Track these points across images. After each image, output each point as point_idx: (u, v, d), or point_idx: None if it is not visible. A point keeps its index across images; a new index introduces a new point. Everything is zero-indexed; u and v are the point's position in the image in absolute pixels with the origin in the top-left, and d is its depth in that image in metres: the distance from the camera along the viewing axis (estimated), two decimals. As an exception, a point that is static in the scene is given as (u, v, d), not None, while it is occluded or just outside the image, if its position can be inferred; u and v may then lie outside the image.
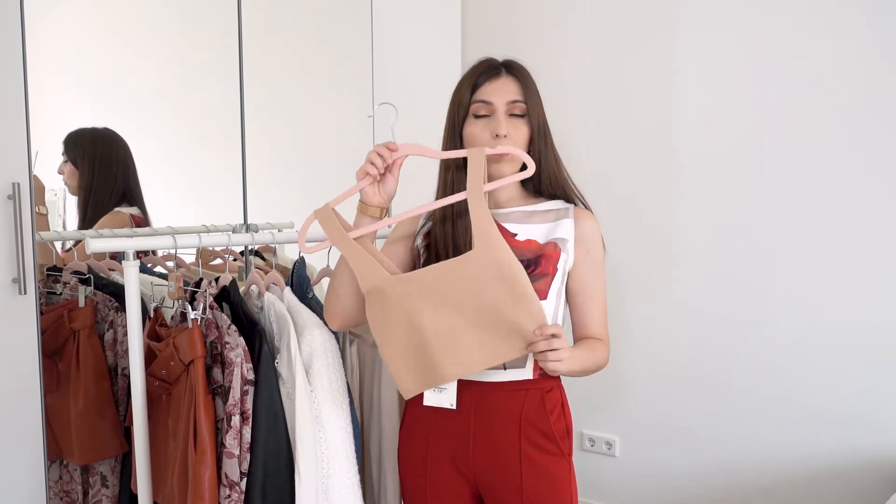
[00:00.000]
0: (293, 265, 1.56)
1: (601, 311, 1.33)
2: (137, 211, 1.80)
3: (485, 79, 1.28)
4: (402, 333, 1.17)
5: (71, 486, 1.60)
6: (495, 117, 1.26)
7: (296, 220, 1.98)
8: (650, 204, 2.34)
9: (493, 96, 1.26)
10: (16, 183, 1.32)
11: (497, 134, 1.25)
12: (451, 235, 1.27)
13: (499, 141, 1.24)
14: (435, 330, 1.16)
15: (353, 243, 1.18)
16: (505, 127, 1.25)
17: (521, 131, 1.27)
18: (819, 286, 2.09)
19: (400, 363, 1.19)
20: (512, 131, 1.26)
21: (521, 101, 1.27)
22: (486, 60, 1.31)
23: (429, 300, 1.16)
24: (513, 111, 1.27)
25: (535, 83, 1.31)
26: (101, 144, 1.76)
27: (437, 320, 1.16)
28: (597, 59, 2.41)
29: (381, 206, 1.24)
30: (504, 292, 1.14)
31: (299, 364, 1.31)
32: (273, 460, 1.31)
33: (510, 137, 1.25)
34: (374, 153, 1.21)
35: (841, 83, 2.03)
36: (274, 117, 2.07)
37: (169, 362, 1.34)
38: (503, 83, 1.27)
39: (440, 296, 1.15)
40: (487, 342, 1.16)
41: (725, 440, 2.26)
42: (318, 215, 1.21)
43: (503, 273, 1.14)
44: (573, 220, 1.31)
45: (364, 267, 1.17)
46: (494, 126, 1.25)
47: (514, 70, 1.29)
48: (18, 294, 1.34)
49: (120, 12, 1.82)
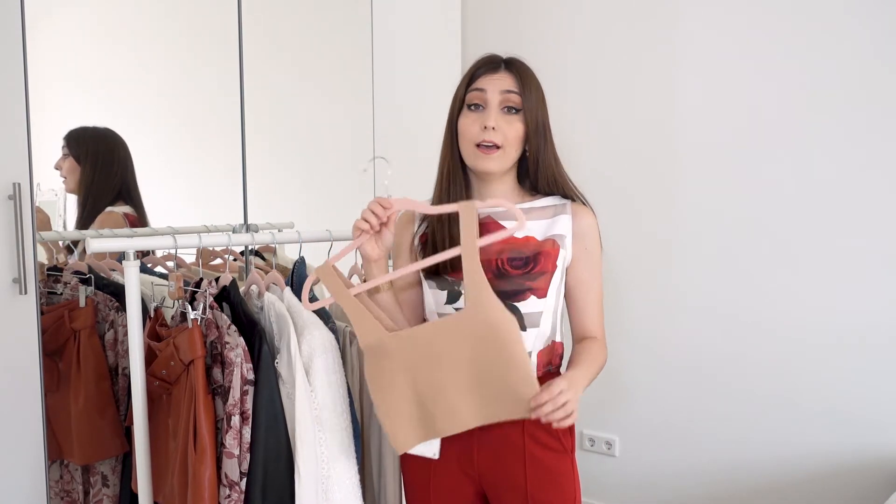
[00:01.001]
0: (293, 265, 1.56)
1: (598, 307, 1.33)
2: (131, 209, 1.80)
3: (483, 71, 1.27)
4: (398, 389, 1.19)
5: (72, 485, 1.61)
6: (487, 109, 1.24)
7: (296, 220, 1.99)
8: (651, 204, 2.34)
9: (487, 85, 1.25)
10: (16, 183, 1.32)
11: (486, 126, 1.22)
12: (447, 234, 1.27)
13: (486, 133, 1.22)
14: (430, 387, 1.17)
15: (354, 300, 1.20)
16: (494, 119, 1.22)
17: (514, 127, 1.24)
18: (819, 286, 2.09)
19: (395, 418, 1.20)
20: (504, 126, 1.23)
21: (515, 91, 1.24)
22: (488, 55, 1.30)
23: (424, 357, 1.17)
24: (507, 103, 1.24)
25: (537, 81, 1.29)
26: (104, 143, 1.76)
27: (433, 377, 1.17)
28: (597, 57, 2.41)
29: (380, 258, 1.25)
30: (495, 353, 1.15)
31: (299, 364, 1.31)
32: (273, 460, 1.31)
33: (500, 131, 1.23)
34: (368, 211, 1.20)
35: (841, 83, 2.03)
36: (274, 117, 2.07)
37: (169, 362, 1.34)
38: (500, 76, 1.26)
39: (435, 353, 1.17)
40: (482, 401, 1.17)
41: (725, 440, 2.26)
42: (319, 273, 1.22)
43: (495, 333, 1.14)
44: (571, 215, 1.30)
45: (363, 323, 1.19)
46: (484, 118, 1.23)
47: (513, 66, 1.28)
48: (19, 294, 1.34)
49: (120, 13, 1.82)
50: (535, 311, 1.27)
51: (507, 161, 1.26)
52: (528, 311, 1.26)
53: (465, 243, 1.14)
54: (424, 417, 1.19)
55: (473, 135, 1.24)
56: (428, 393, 1.18)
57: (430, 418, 1.19)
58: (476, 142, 1.24)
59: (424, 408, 1.18)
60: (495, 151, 1.24)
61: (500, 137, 1.23)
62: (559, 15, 2.48)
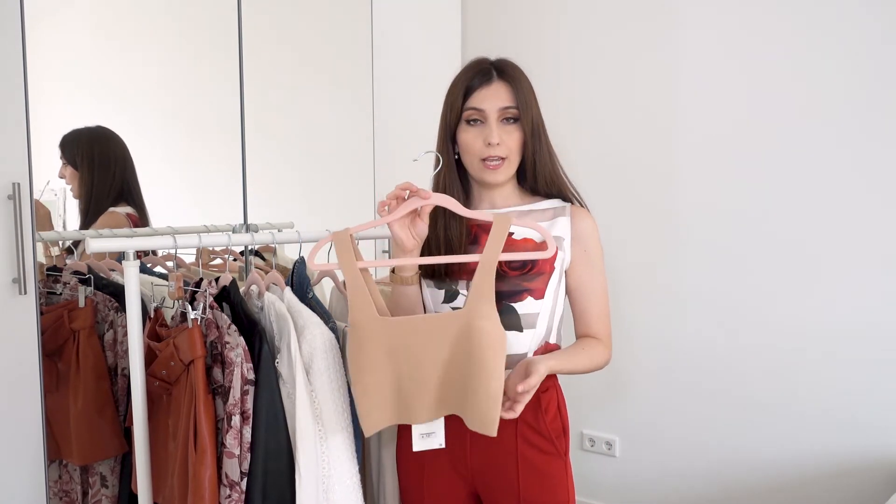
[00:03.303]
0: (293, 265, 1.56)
1: (599, 308, 1.33)
2: (133, 210, 1.79)
3: (477, 84, 1.28)
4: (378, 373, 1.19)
5: (70, 486, 1.60)
6: (487, 125, 1.27)
7: (296, 220, 1.98)
8: (651, 205, 2.35)
9: (485, 103, 1.27)
10: (16, 183, 1.32)
11: (489, 143, 1.25)
12: (443, 238, 1.28)
13: (491, 149, 1.26)
14: (410, 377, 1.18)
15: (358, 274, 1.19)
16: (497, 135, 1.26)
17: (513, 137, 1.28)
18: (819, 287, 2.09)
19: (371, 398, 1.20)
20: (505, 137, 1.27)
21: (512, 106, 1.27)
22: (477, 63, 1.31)
23: (407, 347, 1.17)
24: (505, 115, 1.27)
25: (527, 81, 1.30)
26: (97, 143, 1.75)
27: (413, 367, 1.17)
28: (596, 57, 2.42)
29: (414, 248, 1.23)
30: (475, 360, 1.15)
31: (300, 364, 1.31)
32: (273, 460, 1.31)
33: (503, 144, 1.26)
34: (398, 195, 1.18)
35: (840, 82, 2.03)
36: (274, 117, 2.07)
37: (169, 362, 1.34)
38: (495, 89, 1.28)
39: (419, 345, 1.17)
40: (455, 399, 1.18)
41: (725, 440, 2.26)
42: (335, 238, 1.20)
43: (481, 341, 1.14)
44: (570, 218, 1.31)
45: (358, 299, 1.18)
46: (487, 134, 1.26)
47: (505, 74, 1.29)
48: (18, 294, 1.34)
49: (120, 13, 1.82)
50: (531, 312, 1.27)
51: (512, 169, 1.30)
52: (524, 312, 1.27)
53: (487, 253, 1.15)
54: (398, 403, 1.20)
55: (477, 151, 1.27)
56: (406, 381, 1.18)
57: (403, 404, 1.20)
58: (481, 157, 1.27)
59: (399, 394, 1.19)
60: (501, 164, 1.27)
61: (504, 150, 1.27)
62: (559, 14, 2.48)
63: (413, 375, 1.17)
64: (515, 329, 1.27)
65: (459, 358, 1.15)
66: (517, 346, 1.28)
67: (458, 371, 1.16)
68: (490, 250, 1.16)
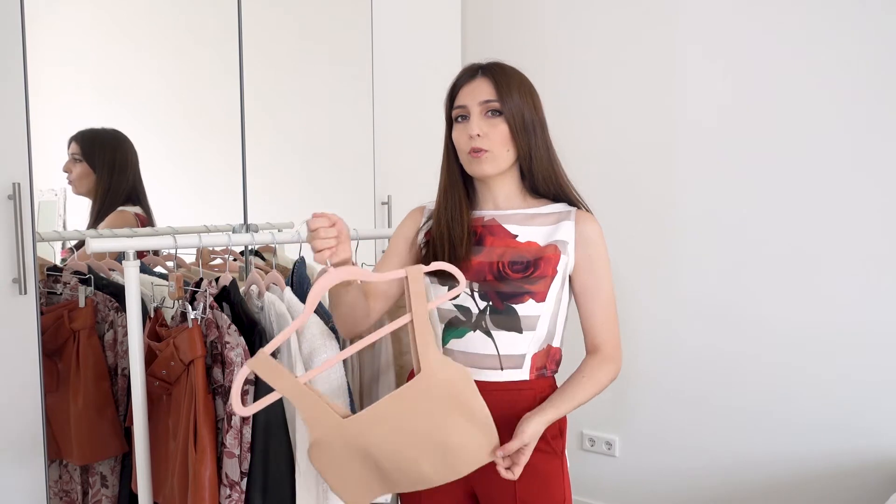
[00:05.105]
0: (293, 265, 1.56)
1: (605, 313, 1.33)
2: (141, 210, 1.80)
3: (462, 83, 1.31)
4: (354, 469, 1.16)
5: (70, 485, 1.60)
6: (471, 118, 1.28)
7: (296, 220, 1.98)
8: (652, 207, 2.35)
9: (466, 99, 1.29)
10: (16, 183, 1.32)
11: (471, 135, 1.27)
12: (447, 237, 1.29)
13: (473, 141, 1.26)
14: (391, 459, 1.15)
15: (303, 388, 1.09)
16: (478, 126, 1.26)
17: (498, 129, 1.27)
18: (819, 288, 2.09)
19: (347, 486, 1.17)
20: (488, 129, 1.27)
21: (493, 100, 1.27)
22: (467, 67, 1.34)
23: (383, 433, 1.14)
24: (487, 108, 1.28)
25: (519, 79, 1.31)
26: (118, 149, 1.77)
27: (393, 451, 1.15)
28: (596, 57, 2.42)
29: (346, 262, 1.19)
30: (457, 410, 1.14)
31: (299, 363, 1.31)
32: (273, 460, 1.31)
33: (486, 136, 1.26)
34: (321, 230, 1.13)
35: (844, 82, 2.03)
36: (274, 118, 2.07)
37: (169, 362, 1.34)
38: (477, 85, 1.29)
39: (395, 427, 1.14)
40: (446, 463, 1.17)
41: (725, 440, 2.26)
42: (253, 366, 1.06)
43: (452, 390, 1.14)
44: (574, 222, 1.31)
45: (315, 411, 1.11)
46: (469, 127, 1.27)
47: (490, 71, 1.30)
48: (19, 294, 1.34)
49: (119, 13, 1.82)
50: (532, 315, 1.27)
51: (499, 162, 1.29)
52: (525, 314, 1.27)
53: (417, 309, 1.13)
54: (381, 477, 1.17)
55: (463, 145, 1.29)
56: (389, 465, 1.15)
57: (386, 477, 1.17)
58: (466, 150, 1.29)
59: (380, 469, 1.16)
60: (484, 154, 1.27)
61: (486, 142, 1.27)
62: (559, 14, 2.48)
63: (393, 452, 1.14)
64: (514, 330, 1.27)
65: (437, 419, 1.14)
66: (515, 347, 1.28)
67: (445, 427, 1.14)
68: (416, 303, 1.13)
